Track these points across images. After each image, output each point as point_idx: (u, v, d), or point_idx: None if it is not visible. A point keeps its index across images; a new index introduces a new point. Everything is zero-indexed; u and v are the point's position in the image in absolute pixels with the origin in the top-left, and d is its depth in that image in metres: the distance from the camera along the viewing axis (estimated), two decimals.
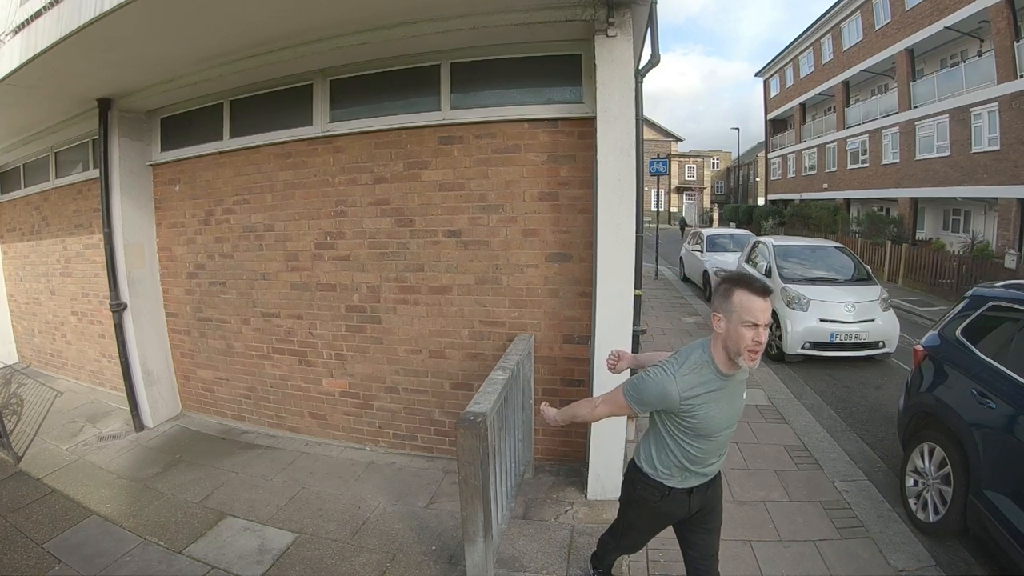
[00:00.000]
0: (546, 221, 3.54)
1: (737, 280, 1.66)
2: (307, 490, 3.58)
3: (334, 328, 4.16)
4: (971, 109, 13.87)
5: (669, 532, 2.03)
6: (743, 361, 1.64)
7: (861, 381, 5.91)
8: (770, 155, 29.83)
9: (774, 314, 6.78)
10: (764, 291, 1.61)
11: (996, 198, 13.34)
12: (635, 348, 3.65)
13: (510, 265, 3.63)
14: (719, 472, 1.99)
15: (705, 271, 11.17)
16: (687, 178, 41.42)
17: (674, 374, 1.71)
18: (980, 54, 14.23)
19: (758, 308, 1.59)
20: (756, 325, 1.59)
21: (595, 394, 3.19)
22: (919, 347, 3.64)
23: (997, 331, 3.08)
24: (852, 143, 20.43)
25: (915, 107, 16.39)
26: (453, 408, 3.86)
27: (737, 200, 38.92)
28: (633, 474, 1.99)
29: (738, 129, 36.67)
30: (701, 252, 11.89)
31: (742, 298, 1.61)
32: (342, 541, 3.00)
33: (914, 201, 16.97)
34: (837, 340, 6.21)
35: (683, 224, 30.46)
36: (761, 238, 8.72)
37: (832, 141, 22.10)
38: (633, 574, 2.66)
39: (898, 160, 17.36)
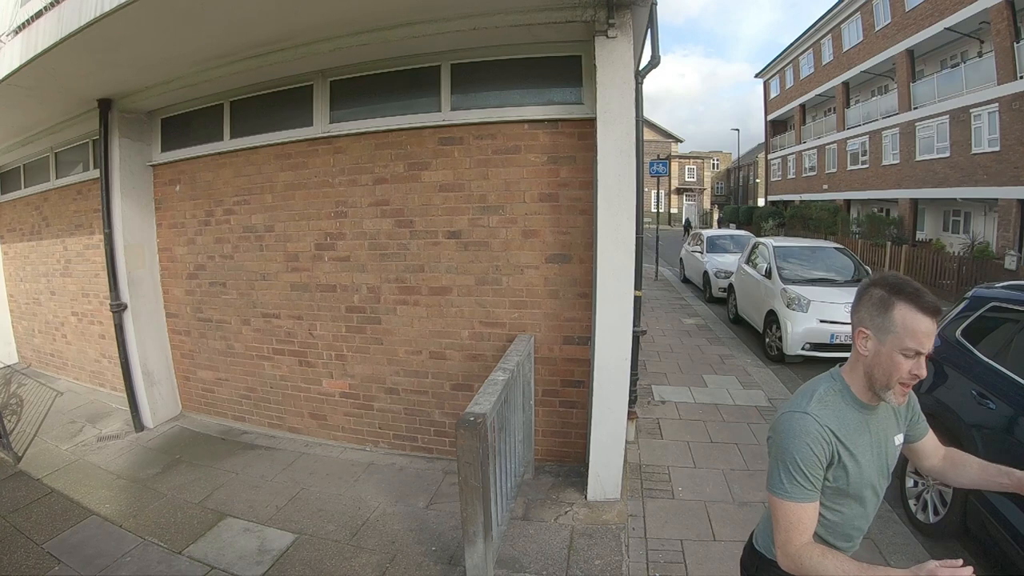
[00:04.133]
0: (546, 222, 3.54)
1: (900, 288, 1.20)
2: (307, 491, 3.58)
3: (334, 329, 4.16)
4: (971, 110, 13.89)
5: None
6: (891, 397, 1.23)
7: None
8: (770, 156, 29.87)
9: (773, 314, 6.82)
10: (935, 309, 1.17)
11: (996, 199, 13.35)
12: (635, 348, 3.66)
13: (510, 266, 3.64)
14: None
15: (705, 272, 11.19)
16: (687, 179, 41.44)
17: (805, 410, 1.24)
18: (980, 55, 14.25)
19: (924, 331, 1.16)
20: (920, 353, 1.18)
21: (595, 393, 3.19)
22: None
23: (997, 332, 3.09)
24: (852, 144, 20.46)
25: (915, 108, 16.42)
26: (453, 409, 3.86)
27: (737, 201, 38.95)
28: (755, 563, 1.45)
29: (738, 130, 36.76)
30: (701, 253, 11.90)
31: (907, 316, 1.17)
32: (342, 542, 2.99)
33: (914, 202, 16.99)
34: (837, 341, 6.20)
35: (687, 225, 30.72)
36: (761, 239, 8.72)
37: (832, 142, 22.13)
38: (633, 574, 2.66)
39: (898, 161, 17.38)
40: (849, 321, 1.32)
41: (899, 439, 1.38)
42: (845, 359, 1.32)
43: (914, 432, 1.45)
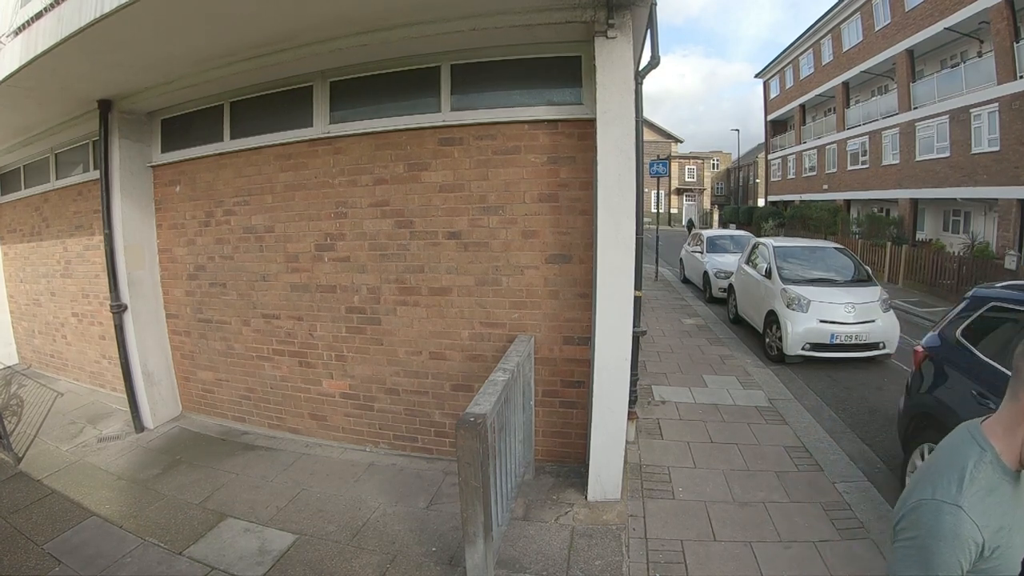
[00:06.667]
0: (546, 222, 3.54)
1: None
2: (307, 491, 3.58)
3: (334, 329, 4.16)
4: (971, 110, 13.88)
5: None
6: None
7: (861, 382, 5.91)
8: (770, 156, 29.86)
9: (773, 314, 6.83)
10: None
11: (996, 199, 13.34)
12: (635, 349, 3.65)
13: (510, 266, 3.64)
14: None
15: (705, 272, 11.19)
16: (687, 179, 41.42)
17: (957, 502, 1.00)
18: (980, 55, 14.24)
19: None
20: None
21: (595, 394, 3.18)
22: (919, 348, 3.64)
23: (997, 332, 3.09)
24: (852, 144, 20.45)
25: (915, 108, 16.41)
26: (453, 409, 3.86)
27: (737, 201, 38.94)
28: None
29: (738, 130, 36.75)
30: (701, 253, 11.90)
31: None
32: (342, 542, 3.00)
33: (914, 202, 16.98)
34: (837, 341, 6.21)
35: (691, 225, 31.03)
36: (761, 239, 8.72)
37: (832, 142, 22.13)
38: (633, 574, 2.66)
39: (898, 161, 17.37)
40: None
41: None
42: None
43: None
